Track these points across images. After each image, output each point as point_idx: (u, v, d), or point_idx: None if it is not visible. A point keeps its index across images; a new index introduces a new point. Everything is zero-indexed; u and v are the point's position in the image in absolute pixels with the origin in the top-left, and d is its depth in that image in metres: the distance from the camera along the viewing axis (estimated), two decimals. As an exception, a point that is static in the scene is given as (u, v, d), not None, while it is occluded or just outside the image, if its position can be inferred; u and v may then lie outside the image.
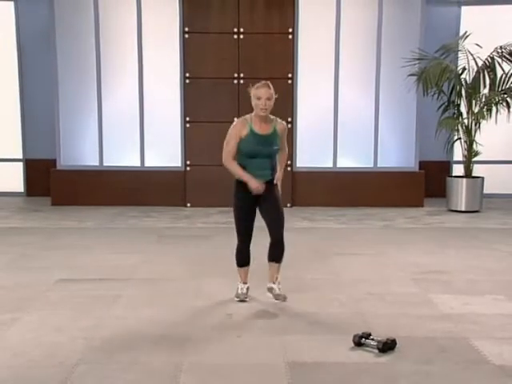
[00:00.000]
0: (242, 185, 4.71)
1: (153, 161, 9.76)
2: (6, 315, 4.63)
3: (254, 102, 4.65)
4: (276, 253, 4.84)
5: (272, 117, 4.76)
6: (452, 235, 7.70)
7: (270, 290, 4.88)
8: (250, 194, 4.67)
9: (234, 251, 4.93)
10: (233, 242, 5.86)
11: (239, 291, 4.98)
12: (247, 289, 5.00)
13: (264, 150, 4.67)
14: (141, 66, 9.61)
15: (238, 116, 9.36)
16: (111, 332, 4.32)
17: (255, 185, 4.61)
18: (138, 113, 9.71)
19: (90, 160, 9.79)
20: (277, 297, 4.84)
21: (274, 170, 4.79)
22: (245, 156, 4.69)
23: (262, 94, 4.59)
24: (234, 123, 4.77)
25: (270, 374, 3.66)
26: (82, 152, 9.84)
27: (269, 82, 4.70)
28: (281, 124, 4.79)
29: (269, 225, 4.81)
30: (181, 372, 3.66)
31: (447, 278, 5.70)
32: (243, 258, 4.97)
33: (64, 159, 9.76)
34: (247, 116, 4.78)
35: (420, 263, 6.20)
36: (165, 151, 9.79)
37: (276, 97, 4.66)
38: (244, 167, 4.68)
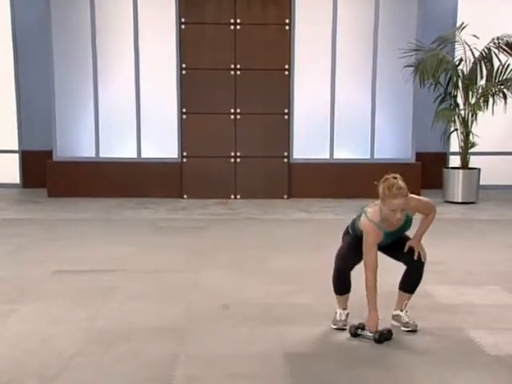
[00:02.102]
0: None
1: (149, 152, 9.74)
2: (3, 306, 4.63)
3: (385, 209, 3.91)
4: (410, 282, 4.24)
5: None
6: (448, 226, 7.71)
7: (397, 317, 4.28)
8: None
9: (331, 277, 4.31)
10: (229, 232, 5.93)
11: (337, 317, 4.28)
12: (347, 315, 4.28)
13: (393, 240, 4.15)
14: (137, 57, 9.58)
15: (235, 107, 9.52)
16: (108, 323, 4.32)
17: (373, 325, 3.99)
18: (134, 104, 9.68)
19: (86, 151, 9.77)
20: (406, 325, 4.21)
21: None
22: None
23: (396, 206, 3.85)
24: (369, 231, 3.97)
25: (268, 364, 3.68)
26: (78, 143, 9.82)
27: (402, 186, 3.89)
28: (412, 203, 4.02)
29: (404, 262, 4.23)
30: (178, 363, 3.67)
31: (443, 269, 5.72)
32: (342, 286, 4.26)
33: (60, 151, 9.73)
34: (375, 216, 3.98)
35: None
36: (161, 142, 9.78)
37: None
38: None
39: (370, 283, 3.98)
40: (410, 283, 4.25)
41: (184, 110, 9.51)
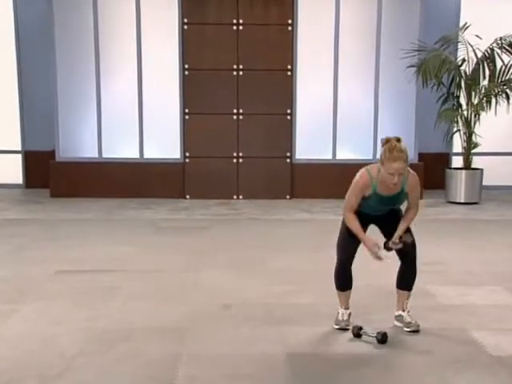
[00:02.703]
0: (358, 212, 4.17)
1: (152, 152, 9.74)
2: (4, 306, 4.64)
3: (383, 171, 3.91)
4: (404, 279, 4.26)
5: (408, 170, 4.04)
6: (450, 227, 7.71)
7: (399, 318, 4.27)
8: (366, 220, 4.17)
9: (333, 272, 4.34)
10: (231, 232, 5.92)
11: (339, 317, 4.29)
12: (349, 315, 4.29)
13: (385, 209, 4.15)
14: (140, 57, 9.58)
15: (237, 108, 9.52)
16: (109, 323, 4.33)
17: (371, 245, 4.02)
18: (137, 104, 9.67)
19: (89, 152, 9.77)
20: (408, 325, 4.20)
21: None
22: (363, 209, 4.14)
23: (395, 170, 3.85)
24: (358, 177, 4.10)
25: (269, 364, 3.68)
26: (81, 144, 9.82)
27: (403, 147, 3.92)
28: (412, 180, 4.05)
29: (398, 252, 4.22)
30: (179, 363, 3.67)
31: (445, 270, 5.71)
32: (343, 282, 4.31)
33: (63, 151, 9.73)
34: (373, 171, 4.05)
35: (418, 254, 6.19)
36: (164, 143, 9.77)
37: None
38: (362, 206, 4.13)
39: (350, 217, 4.08)
40: (405, 280, 4.26)
41: (186, 111, 9.51)
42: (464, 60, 9.30)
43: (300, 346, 3.96)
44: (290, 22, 9.35)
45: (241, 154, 9.53)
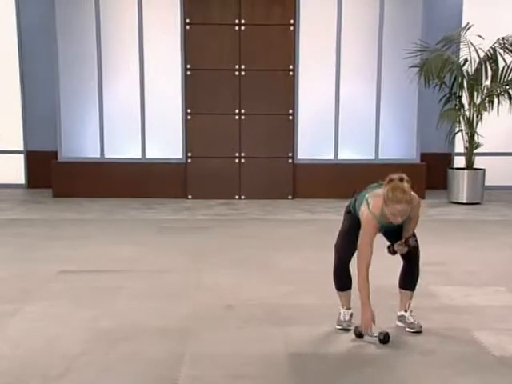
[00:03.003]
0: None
1: (154, 153, 9.75)
2: (8, 306, 4.64)
3: (387, 211, 3.85)
4: (405, 278, 4.25)
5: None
6: (453, 227, 7.71)
7: (401, 318, 4.26)
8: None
9: (332, 273, 4.34)
10: (233, 232, 5.92)
11: (341, 317, 4.28)
12: (351, 315, 4.28)
13: (388, 235, 4.16)
14: (142, 57, 9.59)
15: (239, 108, 9.51)
16: (113, 323, 4.33)
17: (366, 320, 3.96)
18: (139, 105, 9.68)
19: (91, 152, 9.78)
20: (410, 326, 4.18)
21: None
22: None
23: (397, 212, 3.80)
24: (365, 223, 3.96)
25: (272, 364, 3.68)
26: (83, 144, 9.83)
27: (408, 191, 3.81)
28: (415, 207, 3.96)
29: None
30: (182, 363, 3.67)
31: (448, 270, 5.71)
32: (343, 282, 4.30)
33: (65, 151, 9.75)
34: (375, 210, 3.93)
35: (420, 255, 6.19)
36: (166, 143, 9.78)
37: None
38: None
39: (363, 274, 3.94)
40: (408, 279, 4.24)
41: (189, 111, 9.52)
42: (466, 60, 9.30)
43: (302, 346, 3.96)
44: (291, 22, 9.36)
45: (243, 154, 9.53)
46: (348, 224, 4.25)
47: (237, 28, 9.35)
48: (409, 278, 4.24)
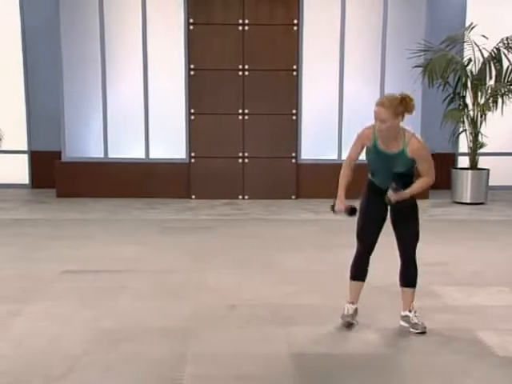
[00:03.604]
0: (373, 185, 4.23)
1: (157, 153, 9.75)
2: (11, 306, 4.65)
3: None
4: (404, 275, 4.24)
5: (408, 134, 4.04)
6: (456, 227, 7.69)
7: (406, 318, 4.24)
8: (381, 198, 4.09)
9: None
10: (236, 233, 5.90)
11: (345, 312, 4.29)
12: (355, 311, 4.29)
13: (386, 170, 4.09)
14: (145, 57, 9.59)
15: (243, 108, 9.51)
16: (115, 323, 4.33)
17: (337, 205, 4.24)
18: (142, 105, 9.69)
19: (94, 152, 9.79)
20: (414, 326, 4.16)
21: (408, 185, 4.04)
22: (370, 167, 4.25)
23: (376, 114, 3.98)
24: (363, 128, 4.21)
25: (275, 365, 3.67)
26: (86, 144, 9.85)
27: (389, 98, 4.02)
28: (413, 144, 3.99)
29: (398, 244, 4.23)
30: (185, 363, 3.67)
31: (451, 270, 5.69)
32: (357, 270, 4.30)
33: (69, 151, 9.76)
34: (374, 122, 4.08)
35: (424, 255, 6.15)
36: (169, 143, 9.79)
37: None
38: (373, 173, 4.27)
39: (343, 172, 4.35)
40: (407, 276, 4.24)
41: (192, 111, 9.51)
42: (470, 60, 9.27)
43: (305, 346, 3.95)
44: (295, 22, 9.35)
45: (246, 154, 9.53)
46: (363, 202, 4.35)
47: (240, 28, 9.34)
48: (408, 275, 4.23)
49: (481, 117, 9.20)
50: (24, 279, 5.35)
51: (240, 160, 9.54)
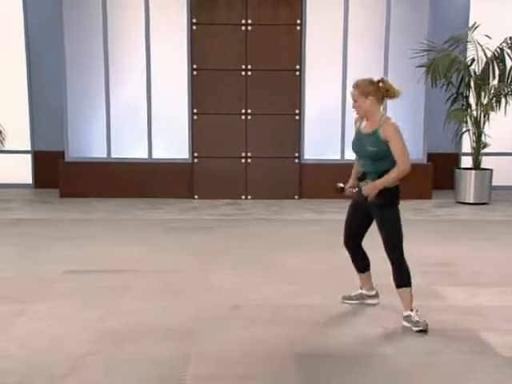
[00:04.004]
0: (360, 177, 4.41)
1: (160, 153, 9.76)
2: (14, 306, 4.66)
3: None
4: (393, 276, 4.30)
5: (385, 117, 4.29)
6: (460, 227, 7.68)
7: (407, 318, 4.25)
8: (361, 196, 4.31)
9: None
10: (239, 233, 5.89)
11: (352, 293, 4.76)
12: (359, 294, 4.73)
13: (359, 150, 4.35)
14: (148, 57, 9.61)
15: (246, 108, 9.52)
16: (119, 323, 4.34)
17: (349, 191, 4.53)
18: (145, 105, 9.70)
19: (97, 152, 9.81)
20: (416, 324, 4.18)
21: (380, 175, 4.20)
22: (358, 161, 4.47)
23: (351, 94, 4.31)
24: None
25: (278, 364, 3.67)
26: (89, 144, 9.86)
27: (361, 80, 4.28)
28: (388, 126, 4.21)
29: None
30: (188, 363, 3.67)
31: (454, 270, 5.69)
32: (356, 264, 4.66)
33: (72, 151, 9.78)
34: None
35: (427, 255, 6.19)
36: (172, 143, 9.80)
37: (358, 97, 4.25)
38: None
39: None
40: (395, 277, 4.28)
41: (195, 111, 9.52)
42: (473, 60, 9.26)
43: (308, 346, 3.95)
44: (298, 22, 9.35)
45: (249, 154, 9.53)
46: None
47: (243, 28, 9.35)
48: (394, 276, 4.28)
49: (484, 117, 9.19)
50: (27, 279, 5.36)
51: (243, 160, 9.54)
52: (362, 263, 4.63)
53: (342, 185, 4.52)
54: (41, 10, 10.12)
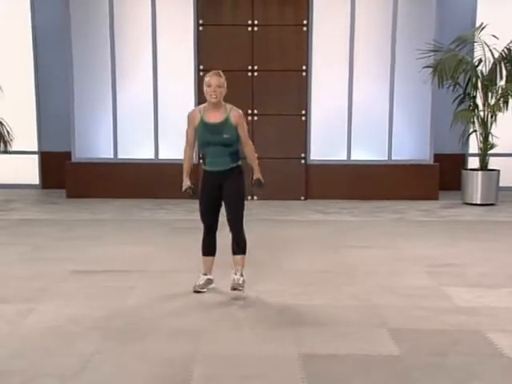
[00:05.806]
0: (207, 173, 4.99)
1: (167, 153, 9.78)
2: (21, 305, 4.67)
3: (205, 89, 4.79)
4: (234, 246, 5.00)
5: (229, 106, 4.86)
6: (466, 228, 7.66)
7: (232, 280, 4.91)
8: (213, 182, 4.95)
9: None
10: (246, 233, 5.80)
11: (197, 282, 5.05)
12: (206, 281, 5.06)
13: (215, 139, 4.78)
14: (155, 58, 9.63)
15: (252, 108, 9.52)
16: (125, 323, 4.35)
17: (183, 187, 5.07)
18: (152, 105, 9.73)
19: (104, 153, 9.84)
20: (235, 286, 4.84)
21: (235, 158, 4.92)
22: (201, 145, 4.93)
23: (212, 82, 4.74)
24: (188, 113, 4.97)
25: (283, 365, 3.67)
26: (96, 145, 9.89)
27: (221, 71, 4.87)
28: (236, 112, 4.83)
29: (227, 217, 5.00)
30: (194, 363, 3.68)
31: (461, 271, 5.67)
32: (206, 248, 5.15)
33: (79, 152, 9.81)
34: (201, 106, 4.94)
35: (434, 256, 6.17)
36: (179, 144, 9.76)
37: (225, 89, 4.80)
38: (205, 156, 4.97)
39: (185, 155, 5.09)
40: (233, 246, 5.01)
41: (201, 112, 9.52)
42: (481, 60, 9.24)
43: (314, 347, 3.95)
44: (304, 22, 9.36)
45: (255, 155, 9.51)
46: (200, 190, 5.16)
47: (250, 29, 9.36)
48: (234, 244, 5.01)
49: (491, 117, 9.17)
50: (34, 279, 5.37)
51: (249, 160, 9.53)
52: (215, 247, 5.15)
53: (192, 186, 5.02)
54: (48, 12, 10.16)
